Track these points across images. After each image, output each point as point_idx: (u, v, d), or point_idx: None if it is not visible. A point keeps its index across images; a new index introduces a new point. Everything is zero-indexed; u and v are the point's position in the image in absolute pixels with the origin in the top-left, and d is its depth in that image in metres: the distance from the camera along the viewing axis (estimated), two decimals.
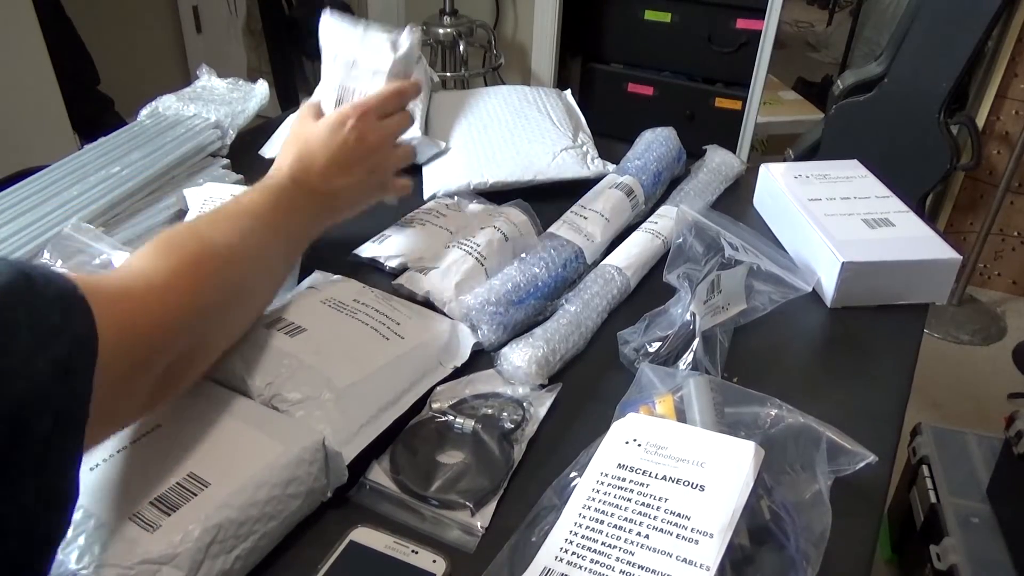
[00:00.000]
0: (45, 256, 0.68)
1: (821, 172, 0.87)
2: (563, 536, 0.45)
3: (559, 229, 0.77)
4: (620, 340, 0.65)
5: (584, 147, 0.97)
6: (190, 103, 0.96)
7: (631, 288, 0.74)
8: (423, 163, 0.95)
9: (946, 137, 1.87)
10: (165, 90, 0.99)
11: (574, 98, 1.10)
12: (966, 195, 2.25)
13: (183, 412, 0.51)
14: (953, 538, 1.19)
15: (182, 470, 0.46)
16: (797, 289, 0.70)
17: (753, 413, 0.53)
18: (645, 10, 2.38)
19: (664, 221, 0.81)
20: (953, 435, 1.39)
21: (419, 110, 0.97)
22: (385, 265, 0.76)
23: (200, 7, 2.79)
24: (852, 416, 0.57)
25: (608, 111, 2.49)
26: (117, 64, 2.31)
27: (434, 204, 0.84)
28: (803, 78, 2.91)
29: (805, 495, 0.48)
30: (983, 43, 1.81)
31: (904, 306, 0.74)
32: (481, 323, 0.65)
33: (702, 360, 0.62)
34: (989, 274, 2.33)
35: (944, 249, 0.74)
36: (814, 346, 0.71)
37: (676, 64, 2.44)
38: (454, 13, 2.40)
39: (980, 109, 2.13)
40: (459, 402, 0.59)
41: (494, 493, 0.52)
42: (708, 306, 0.65)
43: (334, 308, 0.62)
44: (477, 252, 0.72)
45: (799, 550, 0.44)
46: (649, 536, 0.44)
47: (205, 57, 2.32)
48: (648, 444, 0.49)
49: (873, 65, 1.93)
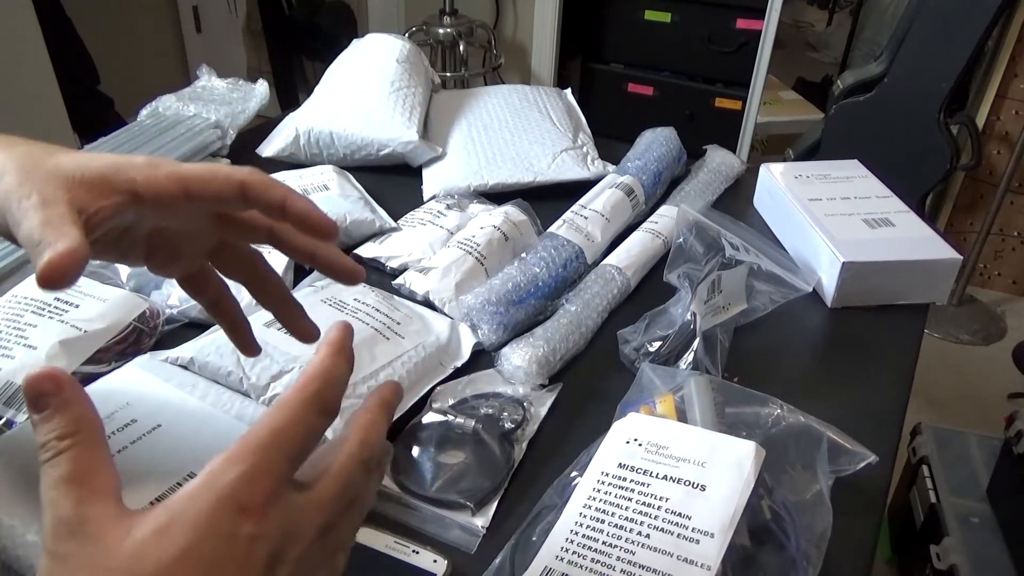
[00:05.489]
0: None
1: (821, 172, 0.87)
2: (564, 535, 0.45)
3: (559, 229, 0.77)
4: (620, 340, 0.65)
5: (584, 148, 0.97)
6: (190, 103, 0.96)
7: (631, 288, 0.74)
8: (422, 164, 0.95)
9: (946, 137, 1.87)
10: (165, 90, 0.99)
11: (574, 98, 1.10)
12: (966, 195, 2.25)
13: (183, 412, 0.51)
14: (953, 538, 1.19)
15: (182, 470, 0.46)
16: (797, 289, 0.70)
17: (754, 413, 0.53)
18: (645, 10, 2.38)
19: (664, 221, 0.81)
20: (953, 435, 1.39)
21: (420, 110, 0.98)
22: (385, 265, 0.76)
23: (200, 7, 2.79)
24: (852, 416, 0.57)
25: (608, 111, 2.49)
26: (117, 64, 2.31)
27: (434, 204, 0.84)
28: (803, 78, 2.91)
29: (806, 495, 0.48)
30: (983, 43, 1.80)
31: (904, 306, 0.74)
32: (481, 323, 0.65)
33: (703, 360, 0.62)
34: (989, 274, 2.33)
35: (944, 249, 0.74)
36: (814, 346, 0.71)
37: (676, 64, 2.44)
38: (454, 13, 2.40)
39: (980, 109, 2.13)
40: (459, 402, 0.59)
41: (495, 493, 0.52)
42: (709, 306, 0.65)
43: (334, 308, 0.62)
44: (477, 252, 0.72)
45: (800, 550, 0.44)
46: (650, 536, 0.43)
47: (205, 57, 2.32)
48: (649, 444, 0.49)
49: (873, 65, 1.93)
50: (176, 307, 0.66)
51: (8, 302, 0.60)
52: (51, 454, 0.29)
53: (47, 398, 0.29)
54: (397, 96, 0.97)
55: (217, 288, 0.45)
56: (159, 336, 0.64)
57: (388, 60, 1.02)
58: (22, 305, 0.60)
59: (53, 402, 0.29)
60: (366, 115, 0.95)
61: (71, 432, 0.29)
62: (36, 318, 0.58)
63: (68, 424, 0.29)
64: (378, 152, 0.94)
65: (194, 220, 0.40)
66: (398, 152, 0.94)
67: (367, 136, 0.93)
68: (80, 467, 0.29)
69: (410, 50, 1.05)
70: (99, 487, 0.28)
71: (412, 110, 0.96)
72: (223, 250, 0.43)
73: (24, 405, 0.52)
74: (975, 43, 1.76)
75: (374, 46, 1.06)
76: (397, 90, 0.98)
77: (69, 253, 0.31)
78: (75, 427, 0.29)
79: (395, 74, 1.00)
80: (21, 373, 0.54)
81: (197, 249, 0.43)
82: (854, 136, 1.97)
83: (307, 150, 0.95)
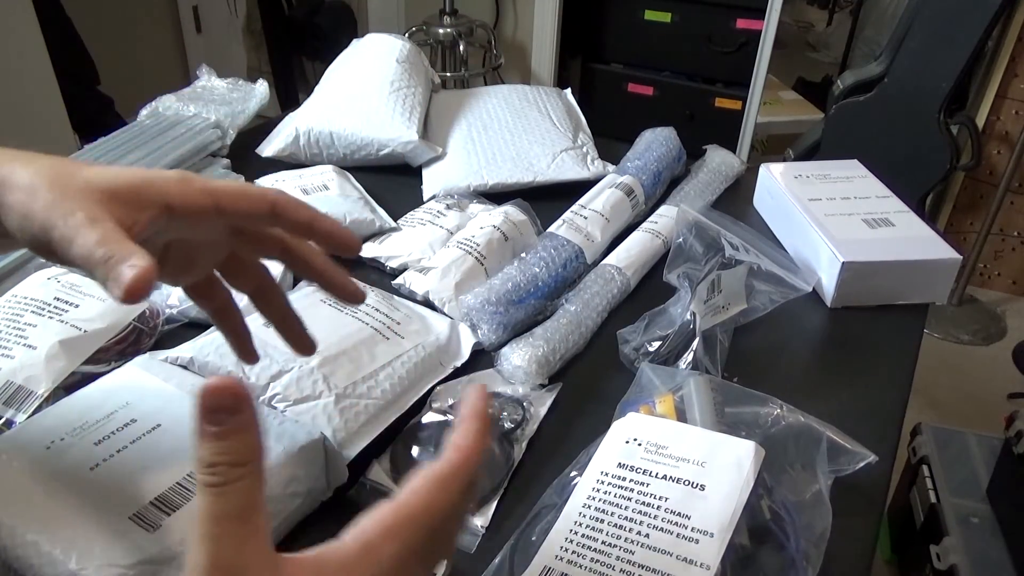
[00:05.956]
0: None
1: (821, 172, 0.87)
2: (563, 535, 0.45)
3: (559, 229, 0.77)
4: (620, 339, 0.65)
5: (584, 148, 0.97)
6: (190, 103, 0.96)
7: (631, 288, 0.74)
8: (422, 164, 0.95)
9: (946, 137, 1.87)
10: (165, 90, 0.99)
11: (574, 98, 1.10)
12: (966, 195, 2.25)
13: (183, 412, 0.51)
14: (953, 538, 1.19)
15: (182, 470, 0.46)
16: (797, 289, 0.70)
17: (753, 413, 0.53)
18: (645, 10, 2.38)
19: (664, 221, 0.81)
20: (953, 435, 1.39)
21: (420, 110, 0.97)
22: (385, 265, 0.76)
23: (200, 7, 2.79)
24: (852, 416, 0.57)
25: (608, 111, 2.49)
26: (117, 64, 2.31)
27: (434, 204, 0.84)
28: (803, 78, 2.91)
29: (805, 495, 0.48)
30: (983, 43, 1.80)
31: (904, 306, 0.74)
32: (481, 323, 0.65)
33: (702, 360, 0.62)
34: (989, 274, 2.33)
35: (944, 249, 0.74)
36: (814, 346, 0.71)
37: (676, 64, 2.44)
38: (454, 13, 2.40)
39: (980, 109, 2.13)
40: (459, 402, 0.59)
41: (495, 492, 0.52)
42: (708, 306, 0.65)
43: (334, 308, 0.62)
44: (477, 252, 0.72)
45: (799, 550, 0.44)
46: (649, 535, 0.43)
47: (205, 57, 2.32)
48: (648, 443, 0.49)
49: (873, 65, 1.93)
50: (176, 307, 0.66)
51: (8, 302, 0.60)
52: (219, 480, 0.26)
53: (224, 414, 0.27)
54: (397, 96, 0.97)
55: (223, 297, 0.45)
56: (159, 336, 0.64)
57: (388, 60, 1.02)
58: (22, 305, 0.60)
59: (232, 421, 0.27)
60: (366, 115, 0.95)
61: (246, 460, 0.27)
62: (36, 318, 0.58)
63: (245, 451, 0.27)
64: (378, 152, 0.94)
65: (213, 232, 0.41)
66: (398, 152, 0.94)
67: (367, 136, 0.93)
68: (248, 503, 0.27)
69: (410, 50, 1.05)
70: (260, 528, 0.27)
71: (412, 110, 0.96)
72: (232, 261, 0.44)
73: (24, 404, 0.53)
74: (975, 43, 1.76)
75: (374, 46, 1.06)
76: (397, 90, 0.98)
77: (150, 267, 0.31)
78: (251, 455, 0.27)
79: (395, 74, 1.00)
80: (21, 373, 0.54)
81: (210, 260, 0.43)
82: (854, 136, 1.97)
83: (307, 150, 0.95)
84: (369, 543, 0.28)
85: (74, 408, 0.50)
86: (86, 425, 0.48)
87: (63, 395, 0.53)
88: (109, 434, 0.48)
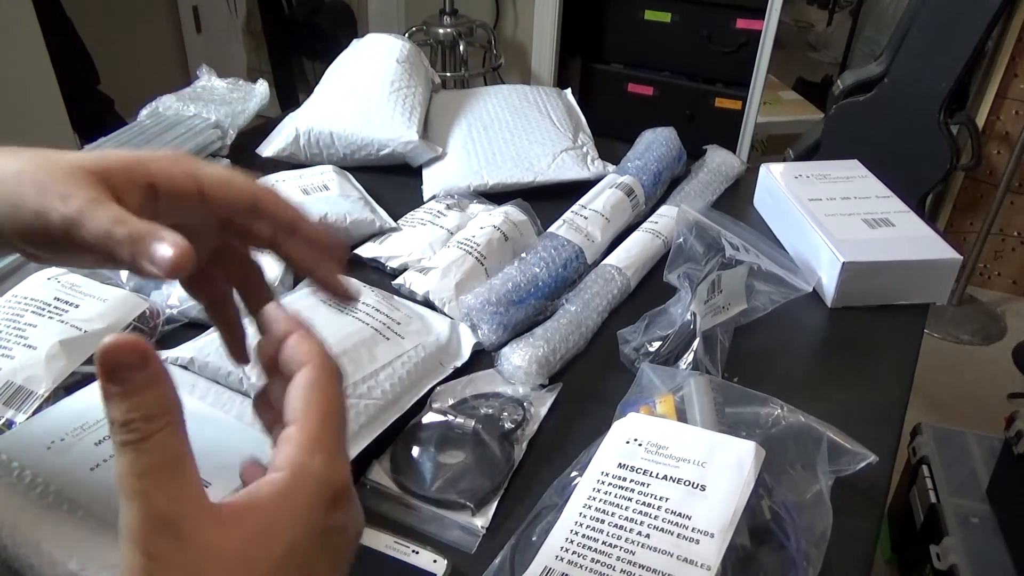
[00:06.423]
0: None
1: (821, 172, 0.87)
2: (564, 535, 0.45)
3: (559, 229, 0.77)
4: (620, 340, 0.65)
5: (584, 148, 0.97)
6: (190, 103, 0.96)
7: (631, 288, 0.74)
8: (422, 164, 0.95)
9: (946, 137, 1.87)
10: (165, 90, 0.99)
11: (574, 98, 1.10)
12: (966, 195, 2.25)
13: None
14: (953, 538, 1.19)
15: None
16: (797, 289, 0.70)
17: (754, 413, 0.53)
18: (645, 10, 2.38)
19: (664, 221, 0.81)
20: (953, 435, 1.39)
21: (420, 110, 0.97)
22: (385, 265, 0.76)
23: (200, 7, 2.78)
24: (852, 416, 0.57)
25: (608, 111, 2.49)
26: (117, 64, 2.30)
27: (434, 204, 0.84)
28: (803, 78, 2.91)
29: (806, 495, 0.48)
30: (983, 43, 1.80)
31: (904, 306, 0.74)
32: (481, 323, 0.65)
33: (702, 360, 0.62)
34: (989, 274, 2.33)
35: (944, 249, 0.74)
36: (814, 346, 0.71)
37: (676, 64, 2.44)
38: (454, 13, 2.40)
39: (980, 109, 2.13)
40: (459, 402, 0.59)
41: (495, 493, 0.52)
42: (708, 306, 0.65)
43: (334, 308, 0.62)
44: (477, 252, 0.72)
45: (800, 550, 0.44)
46: (650, 536, 0.43)
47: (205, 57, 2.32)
48: (649, 444, 0.49)
49: (873, 65, 1.93)
50: (176, 307, 0.66)
51: (8, 302, 0.60)
52: (136, 437, 0.25)
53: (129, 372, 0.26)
54: (397, 96, 0.97)
55: (218, 290, 0.44)
56: (159, 336, 0.64)
57: (388, 60, 1.02)
58: (22, 305, 0.60)
59: (138, 377, 0.26)
60: (366, 115, 0.95)
61: (160, 413, 0.26)
62: (36, 318, 0.58)
63: (156, 403, 0.26)
64: (378, 152, 0.94)
65: (202, 218, 0.40)
66: (398, 152, 0.94)
67: (367, 136, 0.93)
68: (172, 455, 0.26)
69: (410, 50, 1.05)
70: (191, 479, 0.26)
71: (412, 110, 0.96)
72: (222, 251, 0.43)
73: (24, 404, 0.53)
74: (975, 43, 1.76)
75: (374, 46, 1.06)
76: (397, 90, 0.98)
77: (184, 242, 0.30)
78: (164, 407, 0.26)
79: (395, 74, 1.00)
80: (21, 373, 0.54)
81: (201, 249, 0.43)
82: (854, 136, 1.97)
83: (307, 150, 0.95)
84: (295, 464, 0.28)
85: (74, 408, 0.50)
86: (86, 425, 0.48)
87: (63, 395, 0.53)
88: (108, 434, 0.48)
